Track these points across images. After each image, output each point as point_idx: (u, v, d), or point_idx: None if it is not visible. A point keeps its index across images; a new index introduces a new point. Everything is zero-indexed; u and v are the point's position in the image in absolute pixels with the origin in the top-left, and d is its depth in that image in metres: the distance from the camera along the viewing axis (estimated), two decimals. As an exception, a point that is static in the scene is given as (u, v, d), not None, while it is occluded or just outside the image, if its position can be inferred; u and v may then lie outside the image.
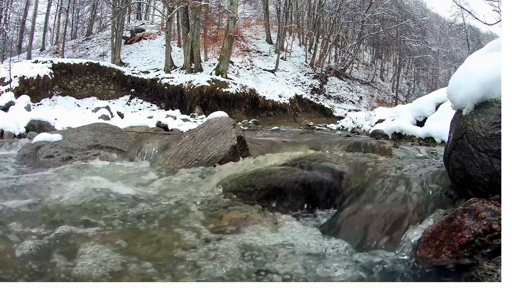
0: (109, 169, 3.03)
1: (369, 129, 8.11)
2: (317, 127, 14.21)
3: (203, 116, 13.86)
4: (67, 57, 20.05)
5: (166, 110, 15.53)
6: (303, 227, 1.78)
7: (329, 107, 22.06)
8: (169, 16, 18.48)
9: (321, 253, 1.49)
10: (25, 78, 13.65)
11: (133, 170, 3.06)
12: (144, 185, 2.50)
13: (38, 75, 14.12)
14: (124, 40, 23.44)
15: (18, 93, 11.02)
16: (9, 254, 1.35)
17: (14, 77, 13.14)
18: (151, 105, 17.15)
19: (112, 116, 8.89)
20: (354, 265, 1.38)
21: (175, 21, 23.96)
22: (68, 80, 16.14)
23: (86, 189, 2.21)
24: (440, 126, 5.00)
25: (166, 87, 17.16)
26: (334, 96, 24.80)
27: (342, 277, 1.29)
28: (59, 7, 26.56)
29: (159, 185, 2.50)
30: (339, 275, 1.30)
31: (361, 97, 26.89)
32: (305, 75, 25.13)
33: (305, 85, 23.90)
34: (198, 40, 19.74)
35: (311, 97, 22.06)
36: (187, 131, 4.59)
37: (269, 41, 28.01)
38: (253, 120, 15.24)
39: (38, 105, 13.41)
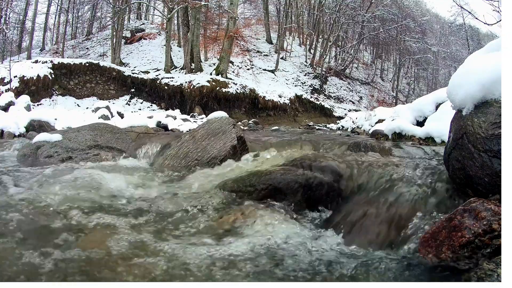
0: (109, 169, 3.03)
1: (369, 129, 8.09)
2: (317, 127, 14.21)
3: (203, 116, 13.85)
4: (67, 57, 20.03)
5: (166, 110, 15.52)
6: (303, 227, 1.78)
7: (329, 107, 22.03)
8: (169, 16, 18.47)
9: (321, 252, 1.49)
10: (25, 78, 13.64)
11: (133, 170, 3.06)
12: (143, 185, 2.50)
13: (38, 75, 14.12)
14: (124, 40, 23.42)
15: (18, 93, 11.01)
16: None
17: (14, 77, 13.14)
18: (151, 105, 17.14)
19: (112, 116, 8.88)
20: (354, 264, 1.38)
21: (175, 21, 23.94)
22: (68, 80, 16.13)
23: (85, 189, 2.21)
24: (440, 126, 4.98)
25: (166, 87, 17.15)
26: (334, 96, 24.78)
27: (342, 277, 1.28)
28: (59, 7, 26.55)
29: (159, 185, 2.50)
30: (339, 275, 1.30)
31: (361, 97, 26.87)
32: (305, 75, 25.11)
33: (305, 85, 23.88)
34: (198, 40, 19.73)
35: (311, 97, 22.04)
36: (187, 131, 4.60)
37: (269, 41, 27.99)
38: (253, 120, 15.23)
39: (38, 105, 13.40)
